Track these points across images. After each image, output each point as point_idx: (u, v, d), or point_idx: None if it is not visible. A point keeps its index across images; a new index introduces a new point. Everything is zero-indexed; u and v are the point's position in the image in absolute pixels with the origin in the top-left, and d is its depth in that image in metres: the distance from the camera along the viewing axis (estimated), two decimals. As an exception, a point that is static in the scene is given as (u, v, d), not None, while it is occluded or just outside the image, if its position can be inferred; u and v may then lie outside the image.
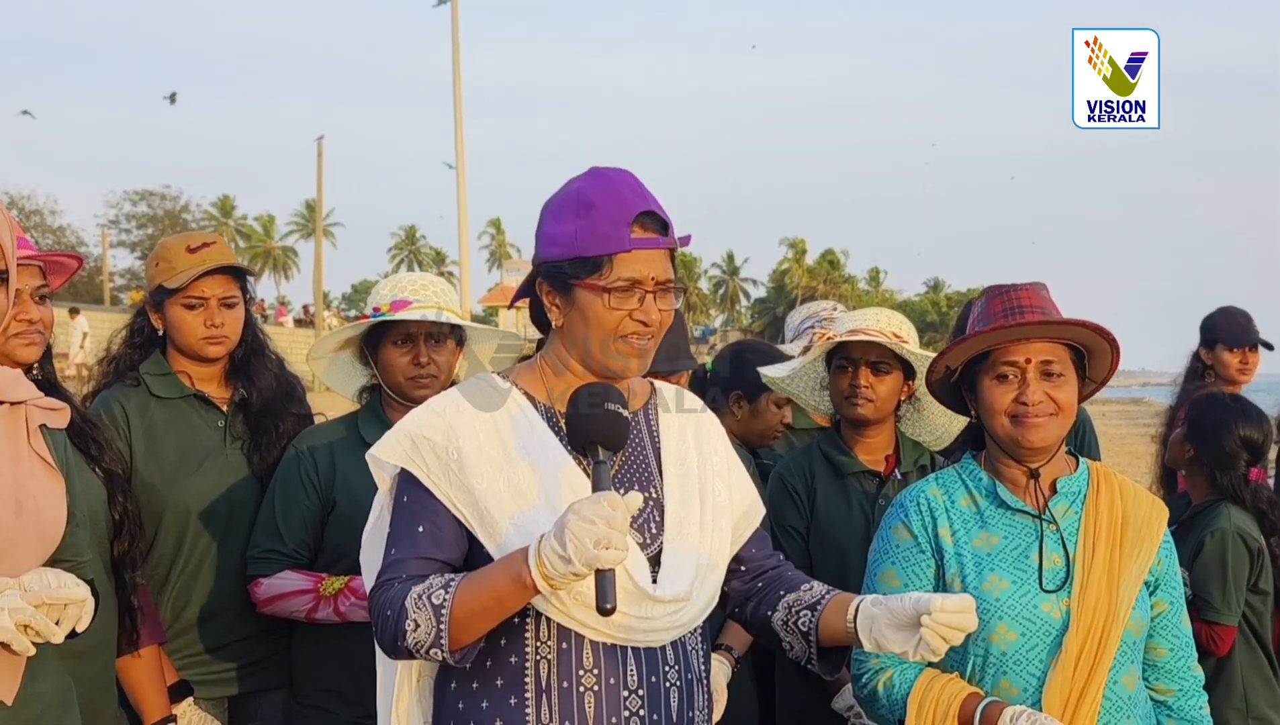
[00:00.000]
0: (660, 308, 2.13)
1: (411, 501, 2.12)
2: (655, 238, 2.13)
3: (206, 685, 3.23)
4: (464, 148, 29.30)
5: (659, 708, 2.09)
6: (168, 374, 3.32)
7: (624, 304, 2.11)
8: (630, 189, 2.15)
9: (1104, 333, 2.48)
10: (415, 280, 3.30)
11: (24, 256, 2.75)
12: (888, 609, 2.10)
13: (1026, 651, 2.44)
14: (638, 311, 2.11)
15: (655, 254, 2.13)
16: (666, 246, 2.15)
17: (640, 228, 2.12)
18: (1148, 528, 2.53)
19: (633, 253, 2.10)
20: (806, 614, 2.25)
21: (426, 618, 1.98)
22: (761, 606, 2.31)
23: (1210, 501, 3.81)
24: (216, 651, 3.26)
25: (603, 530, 1.85)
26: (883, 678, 2.53)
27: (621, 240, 2.10)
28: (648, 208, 2.13)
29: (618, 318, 2.11)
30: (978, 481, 2.59)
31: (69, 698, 2.36)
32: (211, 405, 3.34)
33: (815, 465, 3.43)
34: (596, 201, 2.12)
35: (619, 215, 2.11)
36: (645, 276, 2.11)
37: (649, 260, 2.12)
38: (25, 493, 2.22)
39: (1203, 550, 3.67)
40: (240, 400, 3.36)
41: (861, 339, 3.31)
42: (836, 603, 2.23)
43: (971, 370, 2.56)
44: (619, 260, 2.10)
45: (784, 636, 2.28)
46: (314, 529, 3.19)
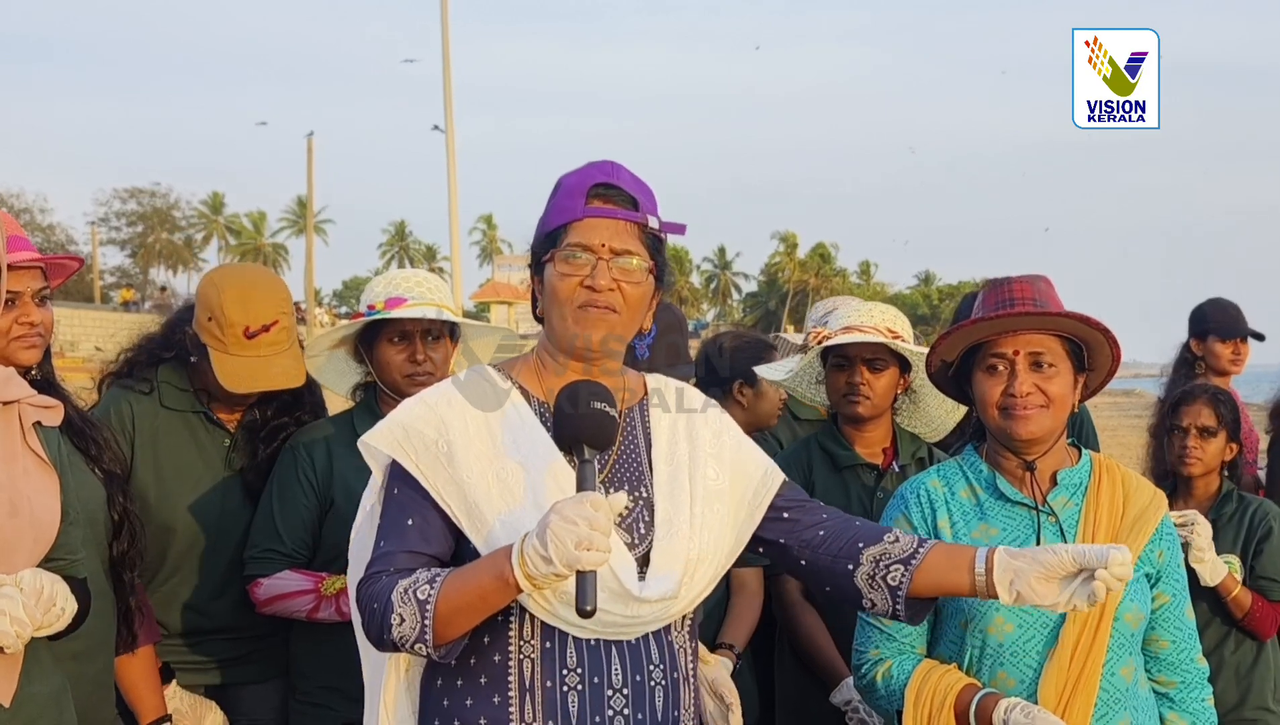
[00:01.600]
0: (616, 277, 2.10)
1: (401, 494, 2.11)
2: (612, 208, 2.12)
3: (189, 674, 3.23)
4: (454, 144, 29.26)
5: (644, 707, 2.07)
6: (185, 389, 3.29)
7: (576, 271, 2.09)
8: (599, 167, 2.15)
9: (1093, 324, 2.47)
10: (410, 277, 3.29)
11: (26, 259, 2.75)
12: (1037, 562, 2.06)
13: (1023, 643, 2.44)
14: (588, 278, 2.09)
15: (612, 223, 2.11)
16: (626, 218, 2.12)
17: (599, 199, 2.11)
18: (1144, 518, 2.53)
19: (584, 220, 2.09)
20: (899, 569, 2.16)
21: (411, 612, 1.96)
22: (840, 560, 2.20)
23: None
24: (195, 660, 3.26)
25: (584, 531, 1.82)
26: (881, 668, 2.54)
27: (575, 209, 2.10)
28: (607, 180, 2.12)
29: (570, 286, 2.09)
30: (978, 473, 2.59)
31: (65, 699, 2.37)
32: (219, 425, 3.32)
33: (813, 459, 3.43)
34: (565, 181, 2.15)
35: (577, 188, 2.12)
36: (596, 243, 2.09)
37: (603, 228, 2.10)
38: (19, 492, 2.23)
39: (1272, 534, 3.69)
40: (250, 422, 3.33)
41: (856, 339, 3.31)
42: (942, 558, 2.16)
43: (968, 363, 2.57)
44: (572, 228, 2.10)
45: (867, 593, 2.19)
46: (312, 528, 3.18)
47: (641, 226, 2.13)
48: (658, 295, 2.22)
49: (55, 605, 2.15)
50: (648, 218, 2.14)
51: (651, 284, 2.16)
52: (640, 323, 2.18)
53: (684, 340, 3.64)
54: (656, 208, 2.20)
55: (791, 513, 2.26)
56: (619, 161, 2.19)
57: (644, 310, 2.17)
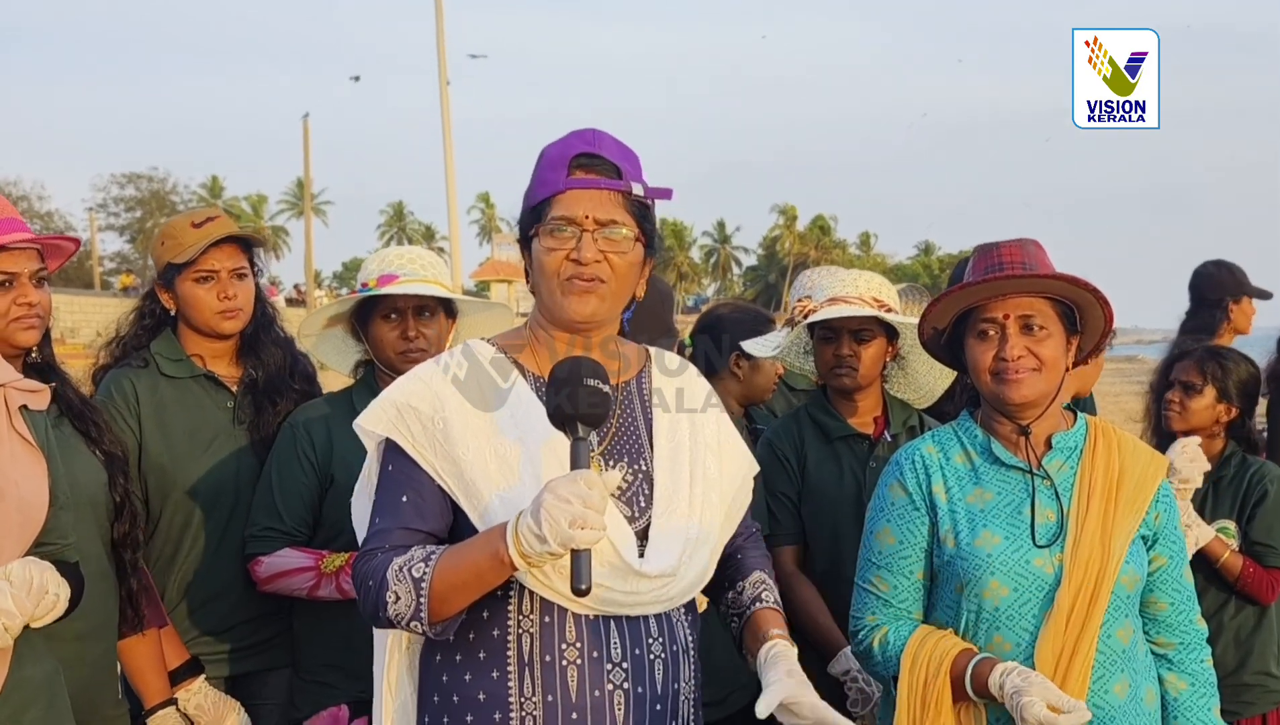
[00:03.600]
0: (602, 248, 2.08)
1: (396, 471, 2.10)
2: (595, 178, 2.10)
3: (213, 664, 3.23)
4: (450, 121, 29.15)
5: (643, 680, 2.07)
6: (181, 359, 3.31)
7: (561, 244, 2.08)
8: (580, 136, 2.13)
9: (1082, 284, 2.46)
10: (402, 254, 3.28)
11: (22, 240, 2.75)
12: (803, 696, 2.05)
13: (1019, 607, 2.44)
14: (573, 251, 2.08)
15: (596, 194, 2.09)
16: (609, 188, 2.10)
17: (581, 170, 2.10)
18: (1143, 482, 2.53)
19: (568, 192, 2.08)
20: (735, 621, 2.31)
21: (406, 590, 1.96)
22: (714, 591, 2.35)
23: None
24: (223, 632, 3.26)
25: (578, 510, 1.81)
26: (878, 634, 2.55)
27: (557, 182, 2.08)
28: (588, 150, 2.10)
29: (557, 259, 2.08)
30: (973, 438, 2.59)
31: (57, 682, 2.37)
32: (221, 385, 3.33)
33: (804, 430, 3.42)
34: (547, 152, 2.13)
35: (559, 159, 2.10)
36: (579, 215, 2.07)
37: (586, 199, 2.08)
38: (6, 477, 2.23)
39: (1267, 498, 3.65)
40: (249, 380, 3.35)
41: (840, 313, 3.29)
42: (754, 628, 2.25)
43: (960, 329, 2.57)
44: (556, 201, 2.09)
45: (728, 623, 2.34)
46: (312, 506, 3.18)
47: (626, 194, 2.11)
48: (649, 263, 2.20)
49: (48, 593, 2.14)
50: (631, 185, 2.12)
51: (640, 252, 2.15)
52: (632, 291, 2.18)
53: (668, 312, 3.62)
54: (641, 173, 2.17)
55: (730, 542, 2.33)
56: (603, 130, 2.16)
57: (634, 279, 2.16)
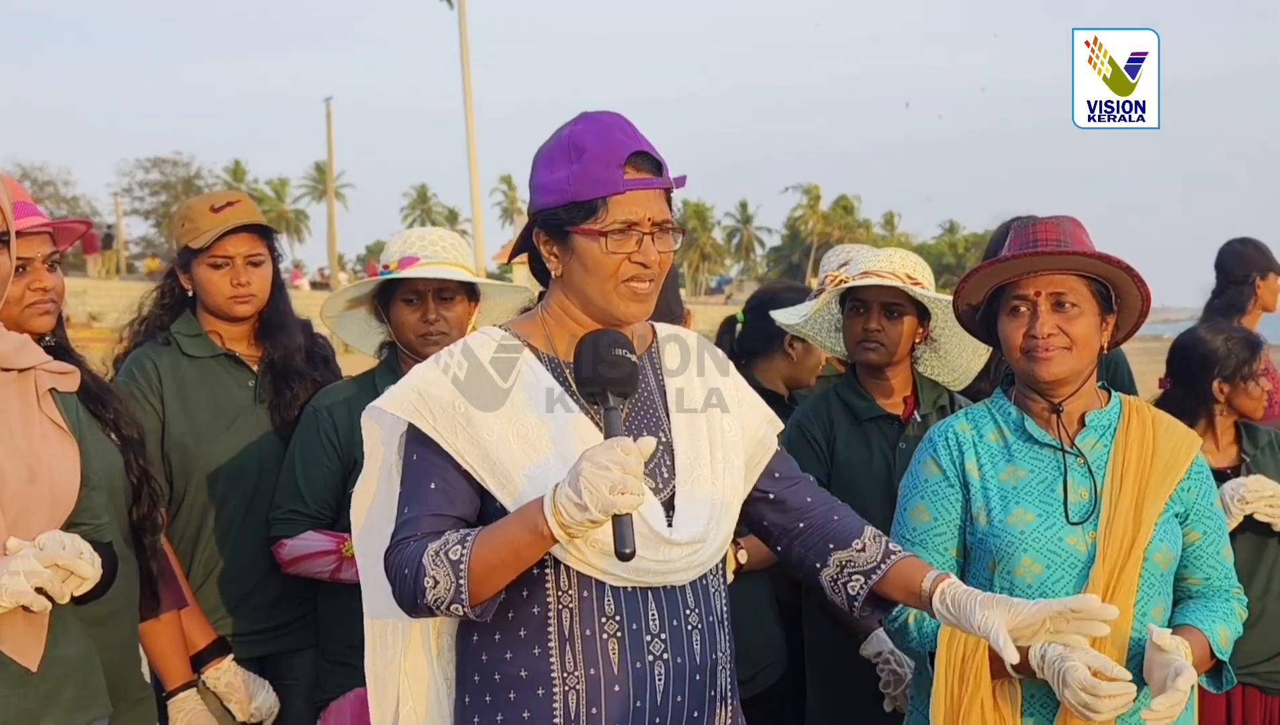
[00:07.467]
0: (659, 249, 2.11)
1: (421, 459, 2.11)
2: (649, 178, 2.10)
3: (239, 644, 3.23)
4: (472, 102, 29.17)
5: (682, 651, 2.09)
6: (199, 334, 3.32)
7: (622, 247, 2.08)
8: (620, 130, 2.11)
9: (1115, 262, 2.43)
10: (424, 236, 3.25)
11: (34, 225, 2.74)
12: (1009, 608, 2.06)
13: (1052, 584, 2.43)
14: (636, 254, 2.08)
15: (650, 194, 2.10)
16: (661, 187, 2.12)
17: (633, 169, 2.09)
18: (1176, 459, 2.50)
19: (626, 194, 2.07)
20: (859, 579, 2.23)
21: (445, 574, 1.97)
22: (809, 556, 2.28)
23: None
24: (247, 612, 3.27)
25: (618, 476, 1.84)
26: (913, 612, 2.52)
27: (614, 182, 2.07)
28: (639, 148, 2.10)
29: (616, 261, 2.09)
30: (1006, 416, 2.57)
31: (93, 662, 2.37)
32: (242, 364, 3.34)
33: (833, 412, 3.39)
34: (587, 145, 2.09)
35: (610, 157, 2.08)
36: (641, 217, 2.08)
37: (644, 201, 2.08)
38: (38, 458, 2.22)
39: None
40: (270, 360, 3.35)
41: (873, 283, 3.26)
42: (899, 576, 2.21)
43: (994, 305, 2.54)
44: (613, 202, 2.07)
45: (830, 595, 2.27)
46: (335, 488, 3.17)
47: (668, 190, 2.14)
48: None
49: (83, 556, 2.11)
50: (672, 181, 2.14)
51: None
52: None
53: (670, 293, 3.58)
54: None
55: (779, 493, 2.30)
56: (620, 113, 2.16)
57: None
